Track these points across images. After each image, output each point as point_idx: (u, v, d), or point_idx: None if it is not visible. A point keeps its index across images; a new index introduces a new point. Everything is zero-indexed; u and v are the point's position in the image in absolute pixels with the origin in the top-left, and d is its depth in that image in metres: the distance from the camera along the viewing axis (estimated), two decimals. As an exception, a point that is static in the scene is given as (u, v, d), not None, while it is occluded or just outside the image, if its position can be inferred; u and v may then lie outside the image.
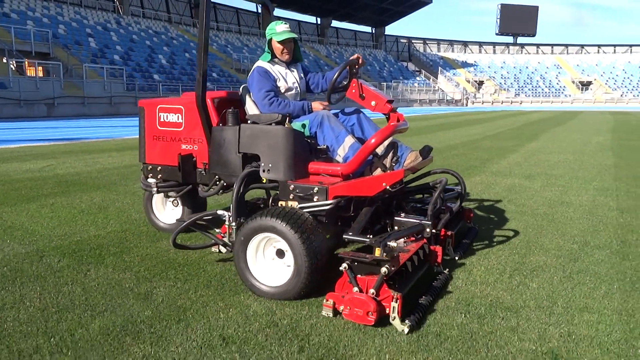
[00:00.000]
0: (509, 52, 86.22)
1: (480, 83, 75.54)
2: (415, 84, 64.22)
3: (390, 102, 3.44)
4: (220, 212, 3.55)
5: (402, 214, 3.69)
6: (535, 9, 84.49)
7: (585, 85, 75.59)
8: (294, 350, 2.51)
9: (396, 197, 3.94)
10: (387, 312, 2.73)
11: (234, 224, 3.37)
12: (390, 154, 3.50)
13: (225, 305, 3.02)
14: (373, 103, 3.42)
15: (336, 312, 2.85)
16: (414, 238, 3.36)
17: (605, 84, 75.21)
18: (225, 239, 3.54)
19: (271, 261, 3.22)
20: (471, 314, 2.91)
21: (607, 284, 3.41)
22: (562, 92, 74.01)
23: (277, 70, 3.95)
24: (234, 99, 4.10)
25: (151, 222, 4.67)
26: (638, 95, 70.51)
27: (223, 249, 3.70)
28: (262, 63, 3.93)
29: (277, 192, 3.54)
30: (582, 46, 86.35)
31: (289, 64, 4.05)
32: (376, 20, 67.75)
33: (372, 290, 2.76)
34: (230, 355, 2.46)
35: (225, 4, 57.63)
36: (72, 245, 4.19)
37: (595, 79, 76.31)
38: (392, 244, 2.99)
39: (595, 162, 9.69)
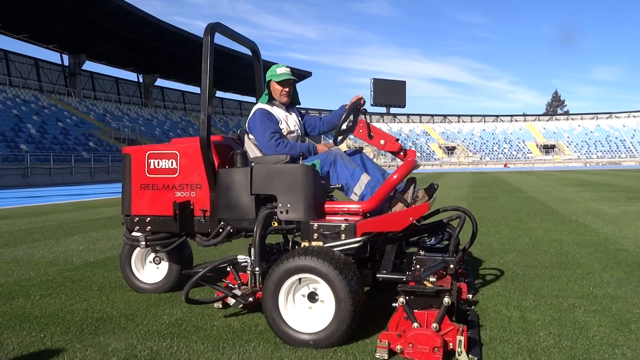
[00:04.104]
0: (383, 121, 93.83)
1: (361, 149, 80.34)
2: (300, 151, 66.64)
3: (397, 140, 3.48)
4: (240, 257, 3.33)
5: (422, 252, 3.66)
6: (403, 83, 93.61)
7: (450, 149, 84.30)
8: (150, 374, 2.59)
9: (406, 235, 3.91)
10: (451, 346, 2.61)
11: (257, 269, 3.15)
12: (411, 189, 3.42)
13: (83, 346, 3.00)
14: (382, 142, 3.42)
15: (392, 353, 2.69)
16: (437, 276, 3.24)
17: (467, 148, 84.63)
18: (236, 291, 3.31)
19: (304, 306, 2.99)
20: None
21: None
22: (432, 156, 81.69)
23: (277, 112, 3.84)
24: (229, 143, 3.97)
25: (130, 283, 4.23)
26: (494, 158, 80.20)
27: (231, 301, 3.41)
28: (263, 105, 3.82)
29: (292, 234, 3.43)
30: (445, 116, 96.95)
31: (287, 107, 3.96)
32: (260, 91, 70.50)
33: (434, 325, 2.62)
34: (83, 386, 2.46)
35: (105, 73, 56.11)
36: None
37: (458, 144, 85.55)
38: (432, 278, 2.94)
39: (451, 210, 10.90)
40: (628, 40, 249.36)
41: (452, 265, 3.27)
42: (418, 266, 3.45)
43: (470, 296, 3.61)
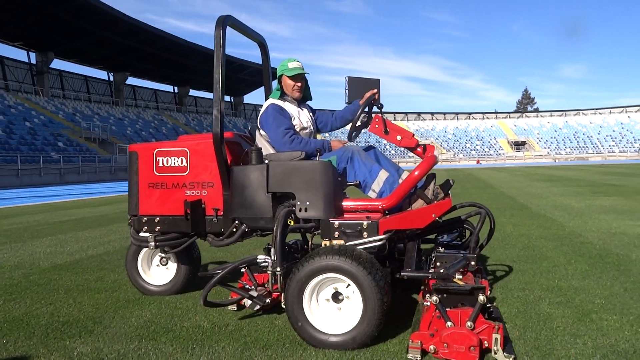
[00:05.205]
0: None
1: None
2: (276, 150, 66.34)
3: (414, 135, 3.39)
4: (260, 257, 3.24)
5: (441, 249, 3.57)
6: (377, 81, 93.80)
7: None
8: (117, 377, 2.55)
9: (425, 232, 3.81)
10: (486, 345, 2.55)
11: (278, 269, 3.01)
12: (431, 185, 3.33)
13: (47, 351, 2.93)
14: (399, 137, 3.33)
15: (424, 353, 2.62)
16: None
17: (441, 145, 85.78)
18: (252, 292, 3.23)
19: (330, 306, 2.91)
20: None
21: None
22: (406, 154, 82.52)
23: (290, 108, 3.72)
24: (239, 140, 3.88)
25: (137, 285, 4.10)
26: (467, 155, 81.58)
27: (247, 303, 3.31)
28: (275, 100, 3.70)
29: (311, 233, 3.36)
30: (419, 114, 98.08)
31: (299, 103, 3.85)
32: (234, 89, 69.89)
33: (469, 323, 2.57)
34: (47, 391, 2.41)
35: (74, 71, 54.78)
36: None
37: (432, 142, 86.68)
38: (459, 275, 2.88)
39: (424, 206, 11.05)
40: (593, 38, 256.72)
41: (473, 262, 3.24)
42: (438, 263, 3.37)
43: (489, 292, 3.57)
